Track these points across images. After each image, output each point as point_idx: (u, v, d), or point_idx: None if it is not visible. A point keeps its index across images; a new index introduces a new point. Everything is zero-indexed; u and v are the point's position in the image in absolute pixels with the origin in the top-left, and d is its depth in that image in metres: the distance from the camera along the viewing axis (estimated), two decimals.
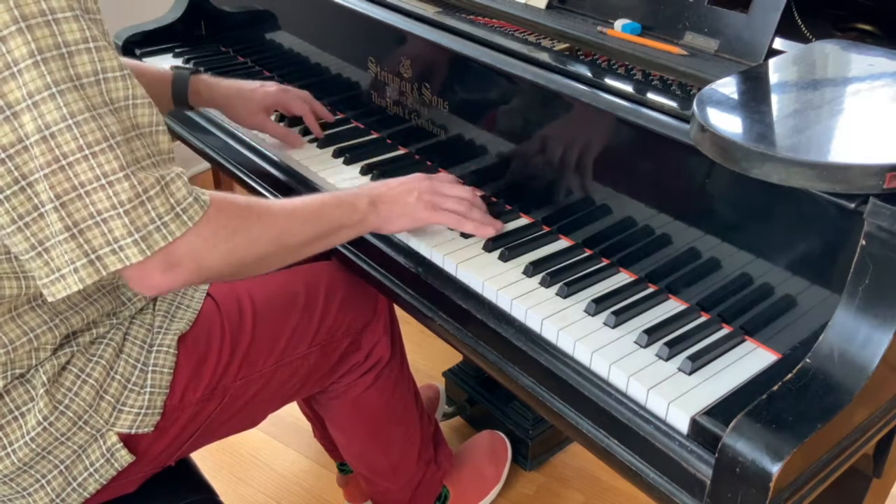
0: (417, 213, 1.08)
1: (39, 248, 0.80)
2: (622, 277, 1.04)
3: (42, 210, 0.78)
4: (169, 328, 1.03)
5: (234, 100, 1.34)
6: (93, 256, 0.80)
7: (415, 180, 1.10)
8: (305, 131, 1.39)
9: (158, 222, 0.81)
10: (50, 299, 0.81)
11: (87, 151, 0.77)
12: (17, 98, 0.75)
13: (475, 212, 1.10)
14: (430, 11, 1.26)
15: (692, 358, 0.87)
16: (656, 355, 0.90)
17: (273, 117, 1.41)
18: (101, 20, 0.81)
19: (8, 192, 0.78)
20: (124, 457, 0.99)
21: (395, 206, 1.07)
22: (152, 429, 1.01)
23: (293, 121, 1.41)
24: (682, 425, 0.81)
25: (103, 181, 0.78)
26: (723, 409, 0.80)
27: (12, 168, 0.77)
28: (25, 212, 0.78)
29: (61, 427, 0.95)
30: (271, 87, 1.35)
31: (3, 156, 0.76)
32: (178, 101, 1.34)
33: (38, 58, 0.74)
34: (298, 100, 1.37)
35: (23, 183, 0.77)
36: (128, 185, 0.79)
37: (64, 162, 0.77)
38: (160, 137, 0.85)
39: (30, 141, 0.76)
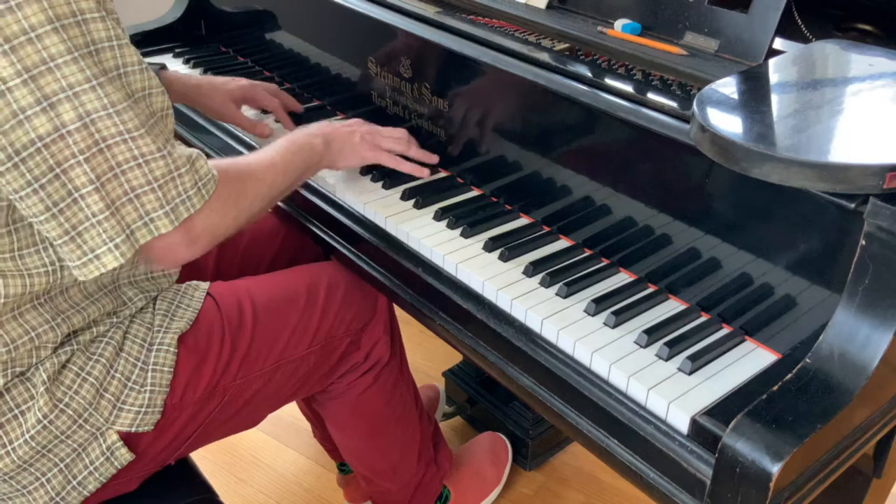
0: (362, 152, 1.19)
1: (73, 233, 0.83)
2: (622, 277, 1.04)
3: (76, 195, 0.81)
4: (169, 327, 1.04)
5: (204, 89, 1.37)
6: (128, 232, 0.84)
7: (356, 123, 1.22)
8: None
9: (184, 195, 0.87)
10: (81, 279, 0.85)
11: (126, 136, 0.82)
12: (54, 90, 0.78)
13: (413, 149, 1.23)
14: (430, 11, 1.26)
15: (692, 358, 0.87)
16: (656, 355, 0.90)
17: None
18: (118, 18, 0.84)
19: (43, 180, 0.80)
20: (124, 455, 1.00)
21: (345, 145, 1.18)
22: (152, 427, 1.01)
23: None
24: (682, 425, 0.81)
25: (140, 161, 0.84)
26: (723, 409, 0.81)
27: (48, 157, 0.79)
28: (60, 198, 0.81)
29: (61, 425, 0.95)
30: (242, 80, 1.40)
31: (39, 145, 0.79)
32: None
33: (77, 54, 0.78)
34: (267, 93, 1.40)
35: (58, 170, 0.80)
36: (163, 163, 0.85)
37: (103, 145, 0.81)
38: (169, 120, 0.91)
39: (68, 129, 0.79)
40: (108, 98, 0.80)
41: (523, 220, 1.16)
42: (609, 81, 1.02)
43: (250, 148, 1.40)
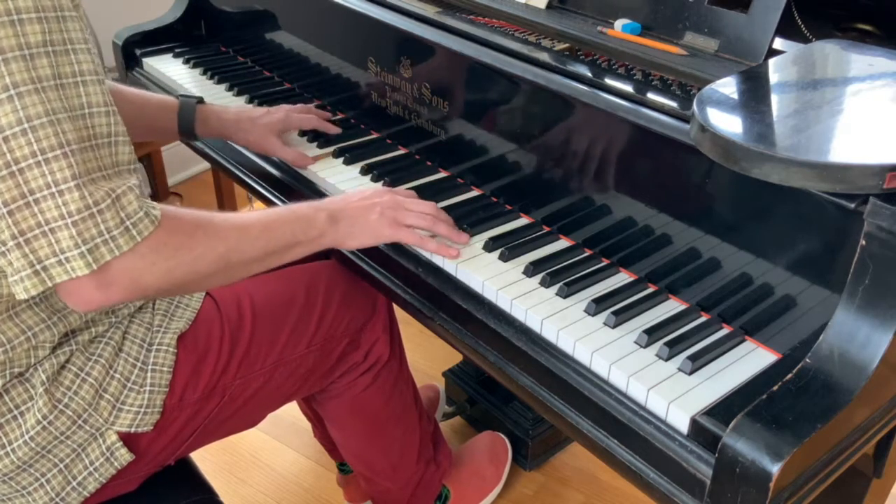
0: (379, 231, 1.06)
1: (3, 248, 0.79)
2: (622, 277, 1.04)
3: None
4: (168, 327, 1.04)
5: (244, 124, 1.32)
6: (38, 267, 0.78)
7: (377, 194, 1.09)
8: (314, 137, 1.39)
9: (107, 235, 0.79)
10: (17, 297, 0.80)
11: (40, 157, 0.76)
12: None
13: (440, 226, 1.08)
14: (430, 11, 1.26)
15: (692, 358, 0.87)
16: (656, 355, 0.90)
17: None
18: (77, 17, 0.79)
19: None
20: (124, 455, 1.00)
21: (357, 223, 1.05)
22: (152, 428, 1.01)
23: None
24: (682, 425, 0.81)
25: (53, 189, 0.76)
26: (723, 409, 0.81)
27: None
28: None
29: (61, 426, 0.95)
30: (278, 112, 1.34)
31: None
32: (184, 131, 1.32)
33: (0, 57, 0.73)
34: (304, 115, 1.36)
35: None
36: (77, 195, 0.77)
37: (15, 168, 0.75)
38: (119, 148, 0.83)
39: None
40: (26, 111, 0.74)
41: (523, 220, 1.16)
42: (609, 81, 1.02)
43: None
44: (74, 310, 0.92)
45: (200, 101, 1.33)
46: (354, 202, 1.07)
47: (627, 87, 1.00)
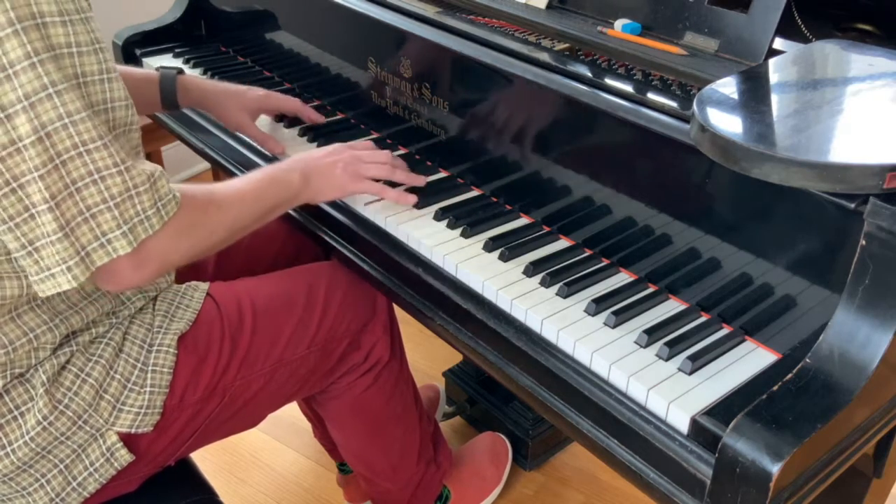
0: (344, 185, 1.14)
1: (30, 248, 0.81)
2: (622, 277, 1.04)
3: (33, 211, 0.80)
4: (169, 328, 1.04)
5: (221, 97, 1.35)
6: (83, 254, 0.82)
7: (336, 151, 1.17)
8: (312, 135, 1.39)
9: (143, 215, 0.85)
10: (41, 295, 0.84)
11: (81, 149, 0.80)
12: (11, 100, 0.76)
13: (398, 173, 1.18)
14: (430, 11, 1.26)
15: (692, 358, 0.87)
16: (656, 355, 0.90)
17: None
18: (91, 17, 0.82)
19: None
20: (124, 456, 1.00)
21: (325, 179, 1.13)
22: (152, 428, 1.01)
23: (293, 121, 1.42)
24: (682, 425, 0.81)
25: (96, 176, 0.81)
26: (723, 409, 0.81)
27: (3, 170, 0.78)
28: (16, 213, 0.80)
29: (61, 426, 0.95)
30: (259, 90, 1.36)
31: None
32: (166, 102, 1.34)
33: (35, 59, 0.76)
34: (286, 97, 1.37)
35: (14, 185, 0.79)
36: (120, 179, 0.82)
37: (58, 161, 0.79)
38: (134, 135, 0.89)
39: (24, 143, 0.77)
40: (65, 107, 0.78)
41: (523, 220, 1.16)
42: (609, 81, 1.02)
43: (251, 148, 1.40)
44: (109, 291, 0.98)
45: (181, 72, 1.35)
46: (319, 159, 1.14)
47: (627, 87, 1.00)
